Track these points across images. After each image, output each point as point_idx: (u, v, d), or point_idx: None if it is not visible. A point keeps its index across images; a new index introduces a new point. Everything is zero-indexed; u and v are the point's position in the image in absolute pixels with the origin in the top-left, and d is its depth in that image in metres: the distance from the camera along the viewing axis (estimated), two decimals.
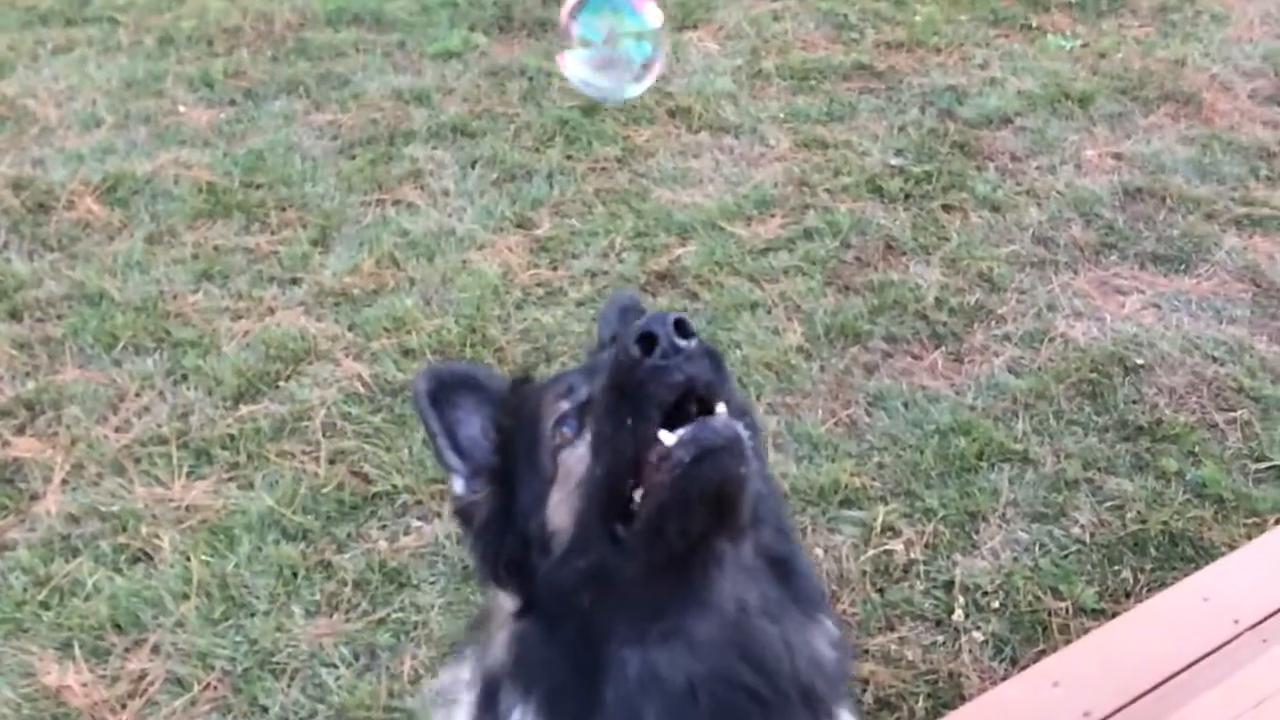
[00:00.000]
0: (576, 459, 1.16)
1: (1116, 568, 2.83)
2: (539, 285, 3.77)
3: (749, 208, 4.17)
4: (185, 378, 3.34)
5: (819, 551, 2.84)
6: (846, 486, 3.02)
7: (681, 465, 1.08)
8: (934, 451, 3.14)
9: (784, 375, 3.41)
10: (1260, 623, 2.49)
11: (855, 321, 3.62)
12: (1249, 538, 2.82)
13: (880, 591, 2.76)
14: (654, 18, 1.43)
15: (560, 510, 1.16)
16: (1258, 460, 3.14)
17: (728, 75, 5.02)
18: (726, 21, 5.48)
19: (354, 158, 4.42)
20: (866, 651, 2.58)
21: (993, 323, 3.65)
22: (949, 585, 2.77)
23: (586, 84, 1.50)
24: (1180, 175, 4.36)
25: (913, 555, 2.85)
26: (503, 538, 1.24)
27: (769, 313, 3.66)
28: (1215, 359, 3.48)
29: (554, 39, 1.27)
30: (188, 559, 2.78)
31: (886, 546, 2.87)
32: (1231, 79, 5.04)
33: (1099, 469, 3.11)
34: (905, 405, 3.31)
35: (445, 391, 1.33)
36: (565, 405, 1.21)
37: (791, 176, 4.34)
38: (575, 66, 1.48)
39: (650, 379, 1.08)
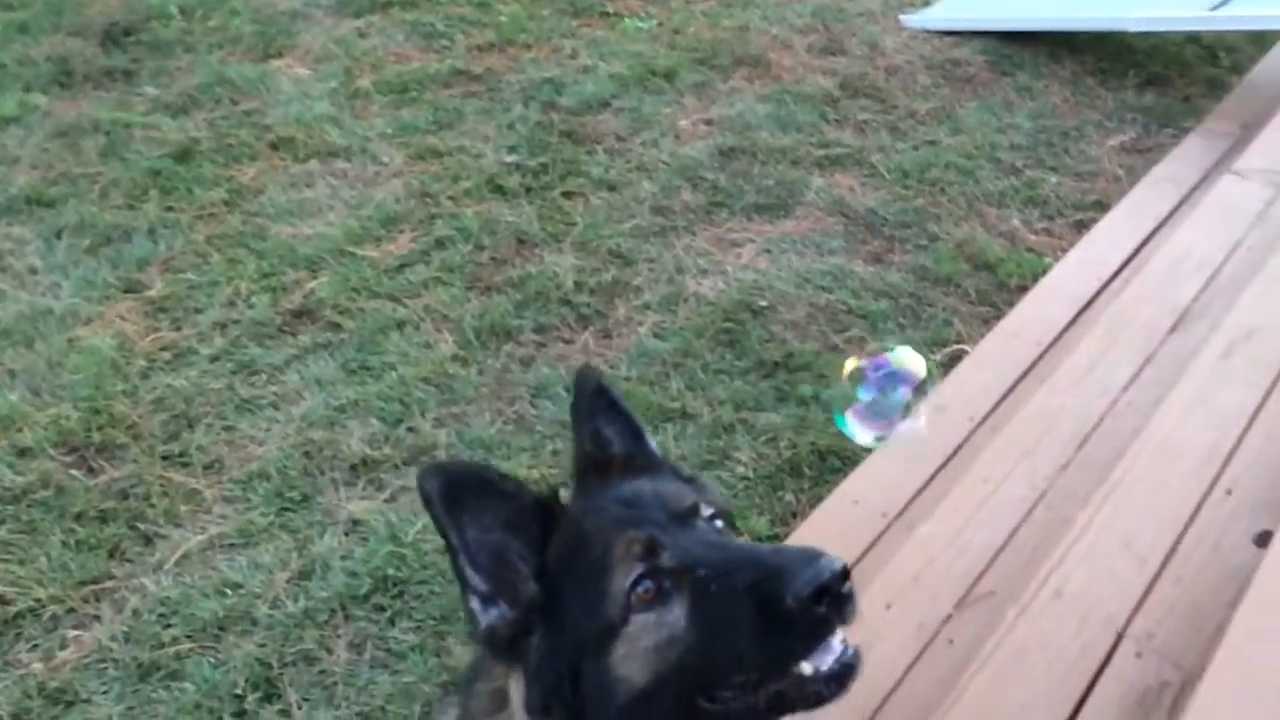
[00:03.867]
0: (662, 625, 1.19)
1: (780, 493, 3.06)
2: (164, 349, 3.49)
3: (375, 228, 4.09)
4: None
5: None
6: (527, 480, 3.04)
7: (817, 694, 1.19)
8: None
9: (444, 387, 3.38)
10: (903, 512, 2.80)
11: (504, 319, 3.66)
12: (881, 441, 3.14)
13: None
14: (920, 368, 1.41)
15: (632, 665, 1.18)
16: (876, 370, 3.50)
17: (325, 99, 4.88)
18: (312, 45, 5.32)
19: None
20: None
21: (631, 295, 3.82)
22: None
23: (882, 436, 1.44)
24: (764, 130, 4.76)
25: None
26: (557, 674, 1.23)
27: (417, 328, 3.61)
28: (824, 288, 3.85)
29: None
30: None
31: None
32: (790, 37, 5.56)
33: (749, 409, 3.34)
34: (567, 389, 3.38)
35: (457, 493, 1.24)
36: (642, 566, 1.21)
37: (412, 190, 4.30)
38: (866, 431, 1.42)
39: (807, 623, 1.14)
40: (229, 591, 2.72)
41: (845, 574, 1.13)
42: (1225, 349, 2.77)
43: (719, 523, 1.31)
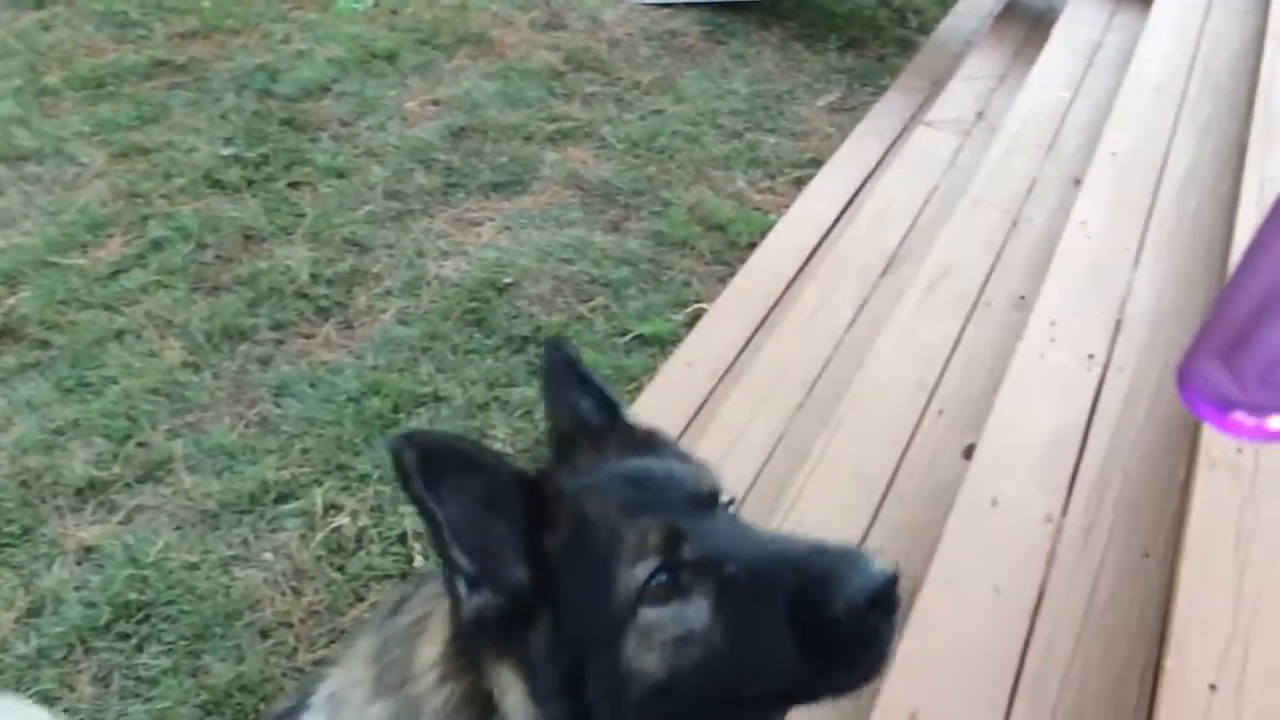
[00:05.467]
0: (681, 621, 1.08)
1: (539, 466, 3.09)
2: None
3: (81, 234, 3.78)
4: None
5: (268, 555, 2.75)
6: (276, 483, 2.94)
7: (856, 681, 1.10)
8: (352, 420, 3.16)
9: (175, 396, 3.19)
10: None
11: (236, 319, 3.49)
12: (632, 402, 3.23)
13: (340, 569, 2.74)
14: None
15: (647, 658, 1.09)
16: (622, 335, 3.59)
17: (8, 99, 4.46)
18: None
19: None
20: (343, 631, 2.57)
21: (371, 282, 3.73)
22: (403, 538, 2.83)
23: None
24: (493, 108, 4.75)
25: (361, 524, 2.87)
26: (563, 667, 1.11)
27: (139, 337, 3.38)
28: (566, 260, 3.90)
29: None
30: None
31: (334, 524, 2.85)
32: (511, 14, 5.57)
33: (502, 385, 3.35)
34: (311, 385, 3.28)
35: (435, 465, 1.09)
36: (660, 559, 1.09)
37: (119, 191, 4.01)
38: None
39: (858, 635, 1.04)
40: None
41: (896, 579, 1.04)
42: (928, 285, 3.03)
43: (734, 509, 1.20)
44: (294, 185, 4.16)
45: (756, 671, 1.08)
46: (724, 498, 1.19)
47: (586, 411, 1.29)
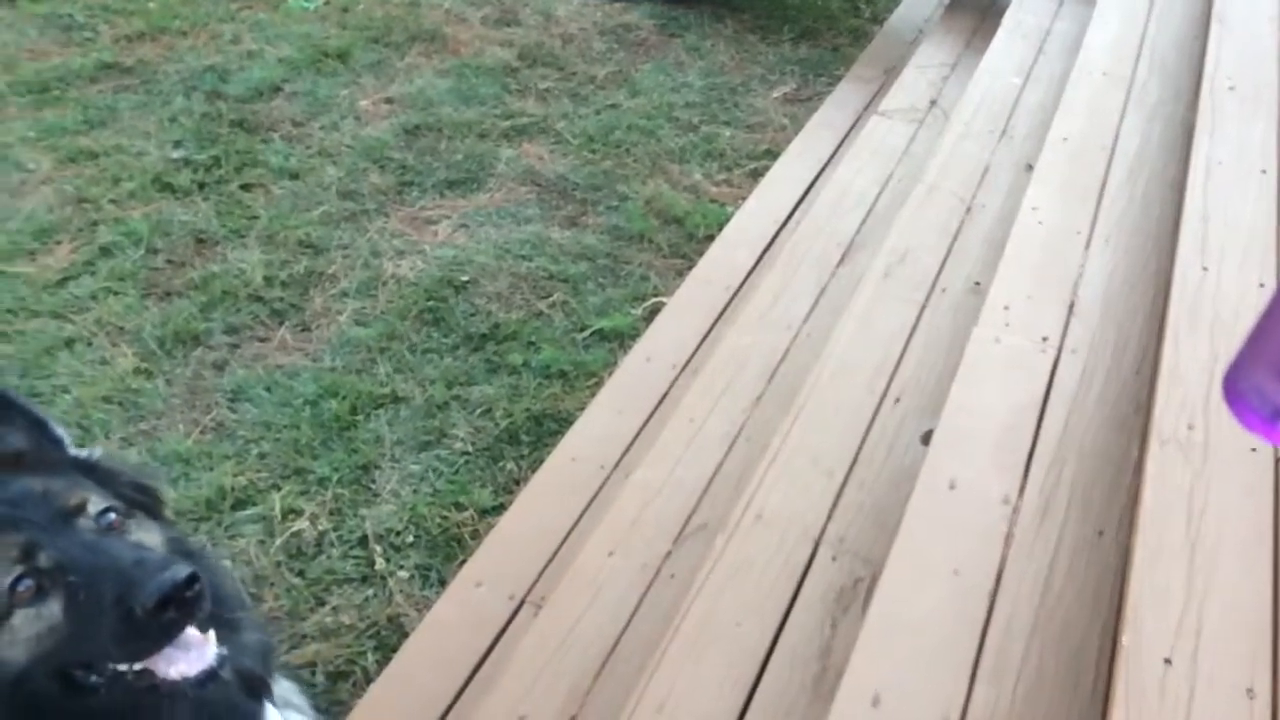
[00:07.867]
0: (41, 619, 1.28)
1: (501, 463, 3.08)
2: None
3: (27, 241, 3.71)
4: None
5: (227, 562, 2.71)
6: (234, 489, 2.91)
7: (184, 693, 1.32)
8: (310, 423, 3.13)
9: (129, 403, 3.14)
10: (619, 462, 2.90)
11: (189, 324, 3.44)
12: (593, 397, 3.23)
13: (300, 574, 2.72)
14: None
15: (15, 650, 1.28)
16: (581, 330, 3.58)
17: None
18: None
19: None
20: (305, 636, 2.55)
21: (327, 284, 3.70)
22: (363, 540, 2.82)
23: None
24: (448, 105, 4.72)
25: (320, 527, 2.84)
26: None
27: (90, 344, 3.33)
28: (524, 257, 3.88)
29: None
30: None
31: (293, 529, 2.82)
32: (464, 11, 5.53)
33: (461, 384, 3.33)
34: (268, 389, 3.24)
35: None
36: (21, 568, 1.28)
37: (66, 197, 3.94)
38: None
39: (155, 627, 1.26)
40: None
41: (189, 582, 1.25)
42: (884, 273, 3.03)
43: (112, 515, 1.39)
44: (246, 187, 4.11)
45: (96, 655, 1.31)
46: (94, 508, 1.39)
47: (4, 435, 1.45)
